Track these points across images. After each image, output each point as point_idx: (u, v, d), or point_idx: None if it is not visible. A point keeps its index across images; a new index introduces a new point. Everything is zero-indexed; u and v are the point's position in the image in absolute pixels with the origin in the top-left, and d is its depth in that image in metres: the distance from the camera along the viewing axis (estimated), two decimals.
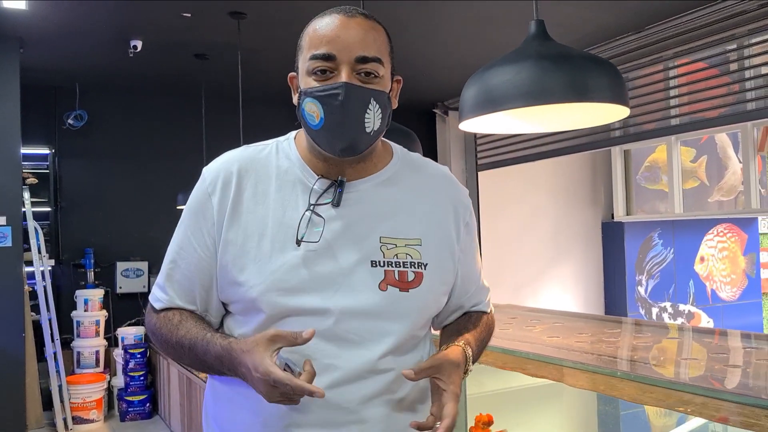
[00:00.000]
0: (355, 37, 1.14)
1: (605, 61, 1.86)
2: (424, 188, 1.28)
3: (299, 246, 1.15)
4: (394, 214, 1.22)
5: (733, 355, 1.78)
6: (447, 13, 4.19)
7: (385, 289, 1.16)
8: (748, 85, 4.35)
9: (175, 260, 1.24)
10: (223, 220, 1.19)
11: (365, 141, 1.17)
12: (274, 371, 1.03)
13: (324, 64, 1.13)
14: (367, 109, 1.14)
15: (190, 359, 1.18)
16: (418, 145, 3.04)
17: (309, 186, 1.20)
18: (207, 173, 1.25)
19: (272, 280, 1.14)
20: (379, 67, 1.16)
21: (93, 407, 5.21)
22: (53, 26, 4.23)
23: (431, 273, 1.21)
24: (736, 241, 7.58)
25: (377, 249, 1.18)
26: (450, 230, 1.27)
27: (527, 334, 2.13)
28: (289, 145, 1.26)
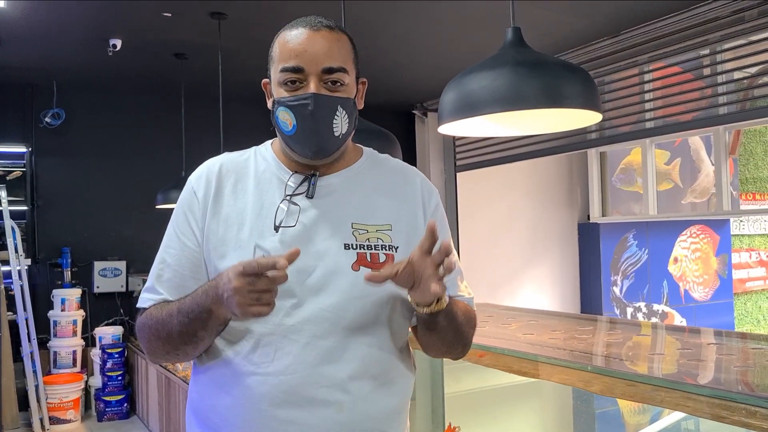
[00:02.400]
0: (321, 49, 1.25)
1: (579, 69, 1.92)
2: (393, 180, 1.37)
3: (277, 231, 1.24)
4: (365, 203, 1.31)
5: (703, 350, 1.84)
6: (426, 15, 4.23)
7: (358, 269, 1.24)
8: (721, 89, 4.45)
9: (163, 259, 1.31)
10: (206, 211, 1.29)
11: (334, 144, 1.27)
12: (244, 262, 1.09)
13: (293, 76, 1.24)
14: (335, 116, 1.25)
15: (179, 321, 1.21)
16: (398, 146, 3.07)
17: (284, 181, 1.30)
18: (191, 177, 1.36)
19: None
20: (344, 75, 1.27)
21: (70, 407, 5.19)
22: (32, 24, 4.20)
23: (402, 255, 1.26)
24: (708, 242, 7.73)
25: (350, 234, 1.27)
26: (419, 217, 1.35)
27: (503, 331, 2.18)
28: (266, 149, 1.38)
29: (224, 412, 1.24)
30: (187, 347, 1.25)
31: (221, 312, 1.17)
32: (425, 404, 2.82)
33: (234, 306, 1.10)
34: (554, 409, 3.01)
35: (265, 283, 1.08)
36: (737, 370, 1.56)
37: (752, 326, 8.39)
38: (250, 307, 1.10)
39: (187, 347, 1.25)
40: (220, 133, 4.41)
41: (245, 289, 1.08)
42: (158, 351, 1.30)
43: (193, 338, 1.23)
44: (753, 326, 8.39)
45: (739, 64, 4.40)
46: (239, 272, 1.08)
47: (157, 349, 1.29)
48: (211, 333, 1.23)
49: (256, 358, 1.21)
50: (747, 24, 4.07)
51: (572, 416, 3.03)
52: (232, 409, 1.23)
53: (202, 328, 1.21)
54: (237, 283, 1.08)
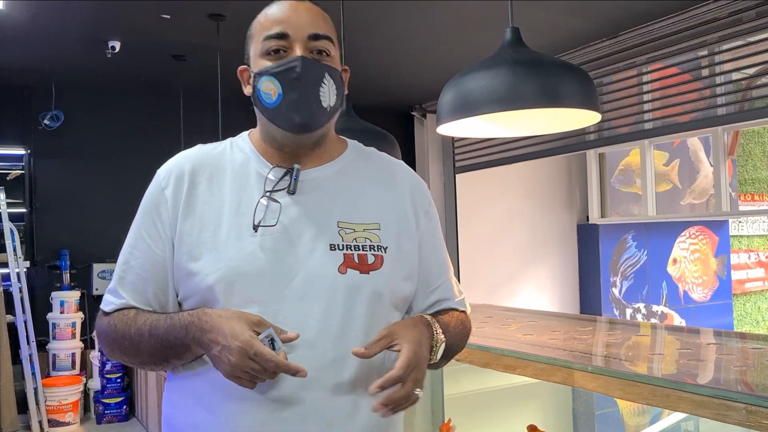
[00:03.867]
0: (306, 17, 1.19)
1: (577, 68, 1.92)
2: (381, 175, 1.29)
3: (256, 231, 1.15)
4: (351, 200, 1.22)
5: (703, 350, 1.84)
6: (424, 16, 4.23)
7: (345, 272, 1.15)
8: (719, 90, 4.45)
9: (127, 261, 1.21)
10: (177, 212, 1.19)
11: (322, 116, 1.18)
12: (257, 344, 1.02)
13: (278, 43, 1.17)
14: (322, 83, 1.17)
15: (150, 345, 1.13)
16: (397, 147, 3.07)
17: (263, 175, 1.20)
18: (160, 171, 1.25)
19: (229, 267, 1.12)
20: (330, 45, 1.20)
21: (69, 410, 5.18)
22: (30, 26, 4.20)
23: (392, 256, 1.20)
24: (707, 243, 7.73)
25: (335, 233, 1.17)
26: (409, 215, 1.26)
27: (502, 332, 2.18)
28: (243, 140, 1.28)
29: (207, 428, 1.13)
30: (155, 366, 1.20)
31: (200, 353, 1.11)
32: (425, 405, 2.82)
33: (221, 369, 1.05)
34: (554, 411, 3.00)
35: (267, 375, 1.03)
36: (737, 370, 1.56)
37: (751, 327, 8.38)
38: (238, 379, 1.04)
39: (155, 366, 1.20)
40: (218, 134, 4.41)
41: (242, 368, 1.02)
42: (120, 360, 1.23)
43: (165, 362, 1.17)
44: (752, 327, 8.39)
45: (737, 65, 4.40)
46: (246, 353, 1.01)
47: (120, 359, 1.22)
48: (186, 361, 1.16)
49: None
50: (745, 25, 4.08)
51: (572, 417, 3.03)
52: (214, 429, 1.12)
53: (176, 357, 1.14)
54: (237, 360, 1.02)
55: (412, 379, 1.08)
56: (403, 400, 1.08)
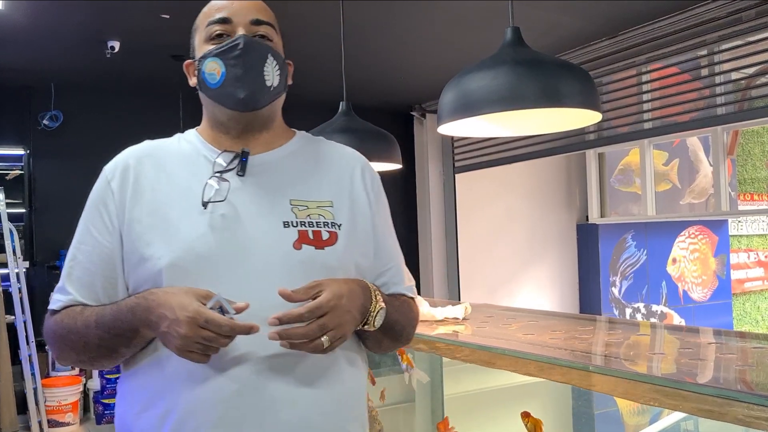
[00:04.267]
0: (249, 4, 1.23)
1: (578, 68, 1.92)
2: (331, 158, 1.30)
3: (205, 208, 1.15)
4: (303, 180, 1.24)
5: (704, 350, 1.84)
6: (424, 16, 4.23)
7: (300, 248, 1.15)
8: (719, 90, 4.46)
9: (74, 256, 1.21)
10: (125, 202, 1.19)
11: (265, 94, 1.20)
12: (206, 311, 1.01)
13: (221, 27, 1.21)
14: (266, 63, 1.19)
15: (97, 335, 1.12)
16: (397, 146, 3.07)
17: (212, 159, 1.22)
18: (106, 167, 1.26)
19: (182, 249, 1.12)
20: (273, 32, 1.24)
21: (68, 410, 5.17)
22: (29, 26, 4.20)
23: (346, 233, 1.21)
24: (707, 242, 7.73)
25: (288, 211, 1.18)
26: (361, 194, 1.27)
27: (503, 332, 2.18)
28: (190, 134, 1.32)
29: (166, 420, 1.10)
30: (105, 360, 1.16)
31: (150, 335, 1.09)
32: (425, 405, 2.82)
33: (171, 346, 1.03)
34: (554, 410, 3.00)
35: (220, 342, 1.02)
36: (739, 369, 1.56)
37: (751, 326, 8.39)
38: (190, 353, 1.03)
39: (105, 360, 1.16)
40: None
41: (192, 338, 1.01)
42: (70, 359, 1.21)
43: (114, 353, 1.14)
44: (751, 326, 8.40)
45: (736, 64, 4.40)
46: (196, 322, 1.00)
47: (69, 357, 1.20)
48: (135, 349, 1.14)
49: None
50: (744, 24, 4.08)
51: (571, 417, 3.03)
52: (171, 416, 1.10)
53: (124, 345, 1.12)
54: (187, 331, 1.00)
55: (319, 323, 1.06)
56: (302, 339, 1.06)
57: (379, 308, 1.17)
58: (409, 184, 6.81)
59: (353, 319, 1.13)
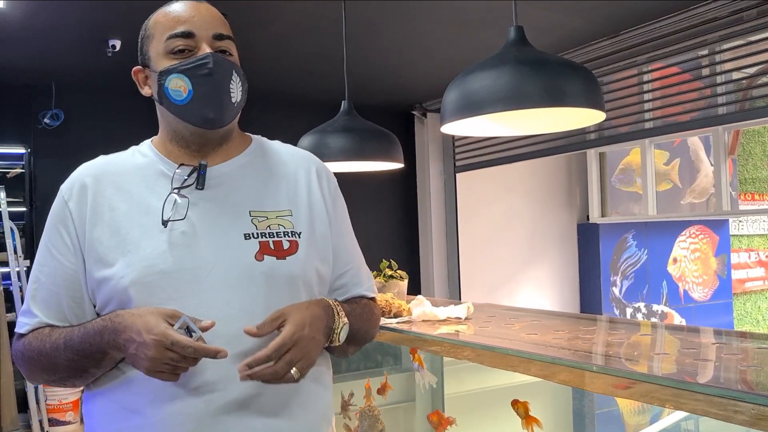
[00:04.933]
0: (209, 17, 1.22)
1: (582, 67, 1.92)
2: (287, 165, 1.30)
3: (165, 227, 1.15)
4: (261, 190, 1.24)
5: (709, 350, 1.84)
6: (426, 15, 4.23)
7: (262, 259, 1.16)
8: (720, 90, 4.46)
9: (37, 279, 1.21)
10: (84, 222, 1.19)
11: (231, 111, 1.21)
12: (172, 333, 1.01)
13: (184, 42, 1.19)
14: (231, 80, 1.19)
15: (67, 357, 1.12)
16: (398, 145, 3.07)
17: (170, 174, 1.21)
18: (63, 186, 1.27)
19: (143, 267, 1.12)
20: (232, 46, 1.24)
21: (69, 409, 5.17)
22: (30, 25, 4.19)
23: (306, 241, 1.22)
24: (707, 242, 7.73)
25: (249, 222, 1.19)
26: (318, 199, 1.28)
27: (506, 332, 2.18)
28: (145, 146, 1.30)
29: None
30: (75, 380, 1.17)
31: (119, 356, 1.10)
32: (425, 404, 2.82)
33: (140, 367, 1.04)
34: (554, 410, 3.00)
35: (188, 363, 1.02)
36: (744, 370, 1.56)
37: (751, 326, 8.39)
38: (159, 374, 1.03)
39: (75, 380, 1.17)
40: None
41: (162, 361, 1.01)
42: (41, 379, 1.22)
43: (84, 373, 1.15)
44: (752, 326, 8.40)
45: (737, 64, 4.40)
46: (163, 344, 1.00)
47: (40, 378, 1.21)
48: (105, 369, 1.14)
49: None
50: (746, 24, 4.08)
51: (572, 417, 3.03)
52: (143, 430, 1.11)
53: (94, 366, 1.13)
54: (155, 354, 1.01)
55: (286, 359, 1.08)
56: (272, 377, 1.07)
57: (342, 324, 1.20)
58: (410, 183, 6.81)
59: (318, 343, 1.15)
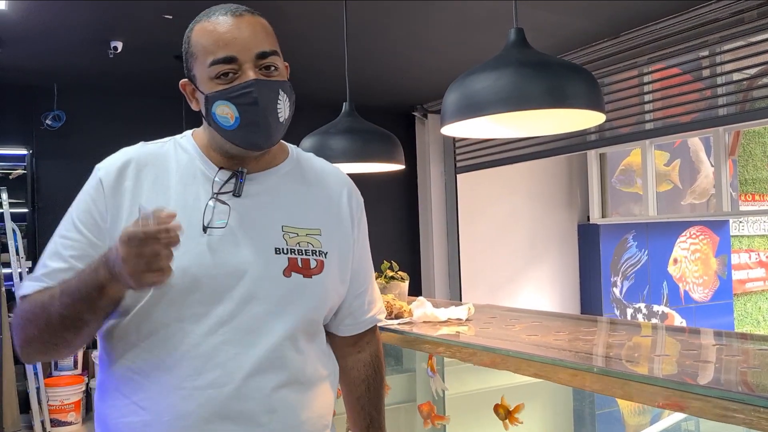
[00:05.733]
0: (250, 35, 1.18)
1: (582, 69, 1.92)
2: (320, 183, 1.32)
3: (205, 233, 1.16)
4: (295, 205, 1.25)
5: (710, 351, 1.85)
6: (427, 17, 4.24)
7: (290, 276, 1.18)
8: (720, 90, 4.46)
9: (55, 249, 1.20)
10: (118, 207, 1.18)
11: (280, 131, 1.21)
12: (130, 227, 0.99)
13: (227, 67, 1.16)
14: (278, 100, 1.18)
15: (62, 304, 1.09)
16: (399, 147, 3.08)
17: (210, 177, 1.21)
18: (100, 165, 1.26)
19: (177, 266, 1.08)
20: (277, 59, 1.21)
21: (71, 409, 5.18)
22: (32, 26, 4.20)
23: (331, 261, 1.24)
24: (708, 243, 7.73)
25: (280, 237, 1.20)
26: (346, 219, 1.31)
27: (507, 333, 2.18)
28: (186, 141, 1.29)
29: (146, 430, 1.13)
30: (67, 333, 1.12)
31: (115, 289, 1.06)
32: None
33: (126, 278, 1.00)
34: (555, 410, 3.01)
35: (151, 248, 0.97)
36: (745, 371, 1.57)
37: (752, 327, 8.39)
38: (143, 275, 0.99)
39: (67, 333, 1.12)
40: None
41: (132, 256, 0.97)
42: (33, 341, 1.15)
43: (77, 322, 1.10)
44: (753, 327, 8.40)
45: (738, 65, 4.40)
46: (127, 241, 0.98)
47: (32, 338, 1.14)
48: (98, 316, 1.11)
49: (182, 372, 1.12)
50: (746, 25, 4.08)
51: (572, 417, 3.03)
52: (152, 427, 1.13)
53: (88, 309, 1.09)
54: (123, 252, 0.98)
55: None
56: None
57: None
58: (411, 184, 6.82)
59: None
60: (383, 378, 1.43)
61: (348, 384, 1.41)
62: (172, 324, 1.14)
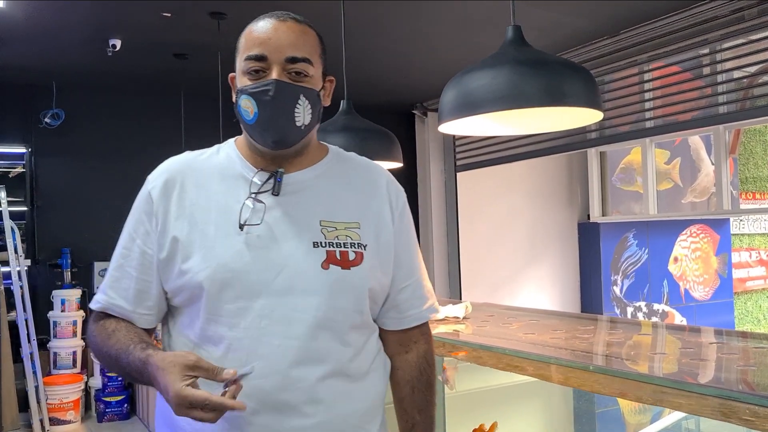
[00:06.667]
0: (286, 39, 1.23)
1: (580, 67, 1.91)
2: (360, 178, 1.36)
3: (242, 230, 1.21)
4: (332, 200, 1.29)
5: (708, 350, 1.84)
6: (426, 15, 4.23)
7: (328, 268, 1.22)
8: (720, 88, 4.45)
9: (120, 265, 1.28)
10: (168, 214, 1.25)
11: (296, 134, 1.25)
12: (188, 394, 1.04)
13: (257, 65, 1.22)
14: (297, 105, 1.22)
15: (118, 370, 1.21)
16: (398, 145, 3.07)
17: (249, 178, 1.27)
18: (150, 176, 1.33)
19: (218, 264, 1.19)
20: (309, 67, 1.24)
21: (70, 408, 5.18)
22: (31, 24, 4.20)
23: (371, 253, 1.27)
24: (708, 241, 7.72)
25: (318, 232, 1.24)
26: (386, 214, 1.34)
27: (504, 331, 2.18)
28: (229, 147, 1.35)
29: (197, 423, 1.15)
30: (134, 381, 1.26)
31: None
32: None
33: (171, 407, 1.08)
34: (555, 409, 3.00)
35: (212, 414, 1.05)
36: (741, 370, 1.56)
37: (752, 325, 8.38)
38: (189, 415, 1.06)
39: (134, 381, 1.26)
40: (219, 132, 4.40)
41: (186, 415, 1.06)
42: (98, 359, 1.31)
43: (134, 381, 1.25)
44: (753, 325, 8.39)
45: (738, 63, 4.39)
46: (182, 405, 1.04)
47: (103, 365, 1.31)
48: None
49: (227, 364, 1.14)
50: (747, 23, 4.07)
51: (573, 416, 3.03)
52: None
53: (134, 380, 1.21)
54: (177, 411, 1.05)
55: None
56: None
57: None
58: (411, 182, 6.81)
59: None
60: (431, 382, 1.43)
61: (393, 384, 1.42)
62: (217, 319, 1.20)
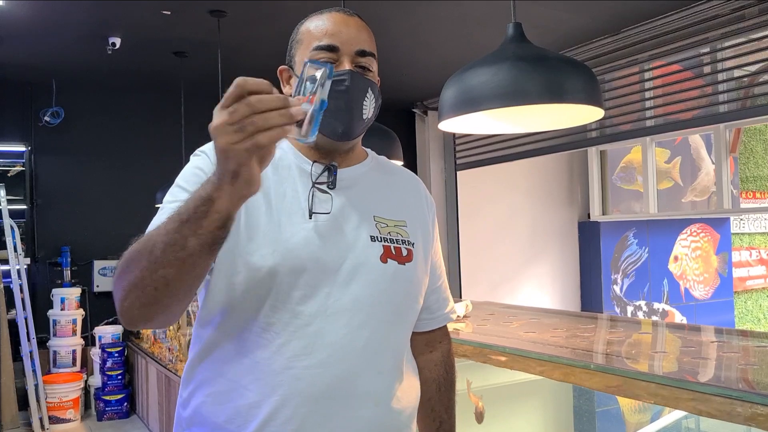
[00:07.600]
0: (355, 32, 1.26)
1: (581, 64, 1.91)
2: (401, 179, 1.39)
3: (311, 218, 1.20)
4: (382, 198, 1.31)
5: (708, 348, 1.83)
6: (427, 13, 4.22)
7: (386, 262, 1.23)
8: (721, 87, 4.44)
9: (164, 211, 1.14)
10: None
11: (360, 126, 1.25)
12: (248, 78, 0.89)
13: (328, 55, 1.22)
14: (365, 97, 1.24)
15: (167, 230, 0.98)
16: (398, 144, 3.07)
17: (305, 169, 1.25)
18: (203, 148, 1.23)
19: (286, 249, 1.16)
20: (373, 62, 1.28)
21: (69, 407, 5.18)
22: (31, 22, 4.19)
23: (418, 251, 1.29)
24: (708, 240, 7.72)
25: (373, 226, 1.25)
26: (425, 216, 1.37)
27: (504, 330, 2.17)
28: None
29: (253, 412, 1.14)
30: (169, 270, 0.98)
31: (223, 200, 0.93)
32: None
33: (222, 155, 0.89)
34: (555, 408, 3.00)
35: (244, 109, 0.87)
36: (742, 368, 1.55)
37: (752, 324, 8.38)
38: (236, 146, 0.87)
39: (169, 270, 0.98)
40: None
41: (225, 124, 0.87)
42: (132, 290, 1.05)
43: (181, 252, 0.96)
44: (753, 324, 8.39)
45: (739, 62, 4.39)
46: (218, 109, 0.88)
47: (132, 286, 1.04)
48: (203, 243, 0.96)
49: (290, 352, 1.14)
50: (747, 22, 4.07)
51: (573, 414, 3.03)
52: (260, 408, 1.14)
53: (193, 233, 0.95)
54: (216, 121, 0.88)
55: None
56: None
57: None
58: None
59: None
60: (454, 380, 1.47)
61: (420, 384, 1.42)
62: (282, 306, 1.16)
